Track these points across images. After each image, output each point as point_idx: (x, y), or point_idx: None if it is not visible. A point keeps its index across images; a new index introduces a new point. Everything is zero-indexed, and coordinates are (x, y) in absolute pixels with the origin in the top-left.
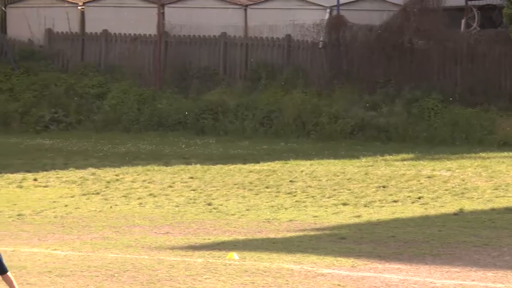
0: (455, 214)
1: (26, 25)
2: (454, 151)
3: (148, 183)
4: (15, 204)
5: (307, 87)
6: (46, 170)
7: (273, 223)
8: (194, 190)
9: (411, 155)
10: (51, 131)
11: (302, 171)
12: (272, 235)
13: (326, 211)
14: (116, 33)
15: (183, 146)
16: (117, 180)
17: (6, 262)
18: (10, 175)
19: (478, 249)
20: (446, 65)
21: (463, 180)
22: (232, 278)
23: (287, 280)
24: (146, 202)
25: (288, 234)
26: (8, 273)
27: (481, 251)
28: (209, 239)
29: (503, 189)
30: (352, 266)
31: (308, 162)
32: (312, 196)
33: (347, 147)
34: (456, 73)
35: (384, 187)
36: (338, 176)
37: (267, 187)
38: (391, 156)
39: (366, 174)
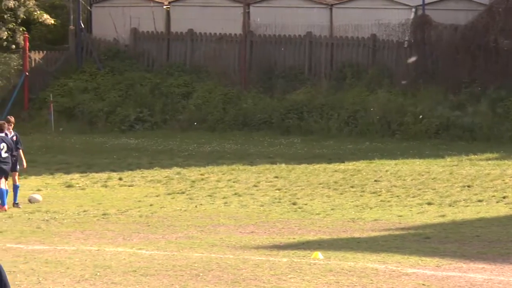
0: None
1: (111, 25)
2: None
3: (233, 182)
4: (100, 204)
5: (392, 86)
6: (131, 170)
7: (358, 222)
8: (279, 189)
9: (496, 155)
10: (136, 131)
11: (387, 171)
12: (356, 235)
13: (410, 210)
14: (201, 33)
15: (268, 146)
16: (202, 179)
17: (90, 262)
18: (95, 175)
19: None
20: None
21: None
22: (317, 278)
23: (371, 280)
24: (231, 202)
25: (373, 234)
26: None
27: None
28: (294, 238)
29: None
30: (436, 266)
31: (393, 162)
32: (397, 196)
33: (432, 147)
34: None
35: (469, 186)
36: (423, 175)
37: (352, 187)
38: (476, 156)
39: (451, 173)
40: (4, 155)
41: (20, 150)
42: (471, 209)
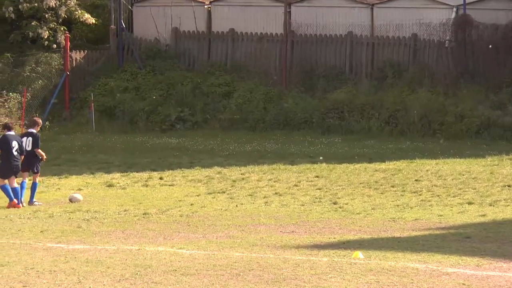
0: None
1: (152, 24)
2: None
3: (274, 182)
4: (140, 203)
5: (433, 86)
6: (172, 169)
7: (398, 222)
8: (319, 189)
9: None
10: (177, 130)
11: (427, 170)
12: (397, 234)
13: (451, 210)
14: (242, 32)
15: (308, 145)
16: (243, 179)
17: (131, 261)
18: (136, 174)
19: None
20: None
21: None
22: (357, 277)
23: (412, 279)
24: (272, 201)
25: (414, 233)
26: None
27: None
28: (334, 238)
29: None
30: (477, 265)
31: (433, 161)
32: (438, 195)
33: (473, 146)
34: None
35: (509, 186)
36: (463, 175)
37: (392, 186)
38: None
39: (491, 173)
40: (15, 153)
41: (37, 150)
42: (511, 209)
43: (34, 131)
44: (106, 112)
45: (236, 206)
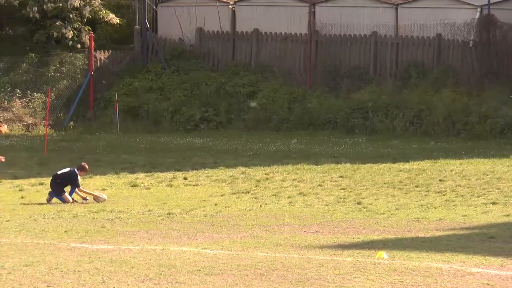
0: None
1: (177, 24)
2: None
3: (298, 182)
4: (165, 203)
5: (457, 86)
6: (196, 169)
7: (422, 222)
8: (343, 189)
9: None
10: (201, 130)
11: (451, 170)
12: (421, 234)
13: (475, 210)
14: (266, 32)
15: (333, 145)
16: (267, 179)
17: (155, 261)
18: (160, 174)
19: None
20: None
21: None
22: (381, 277)
23: (436, 279)
24: (296, 201)
25: (437, 233)
26: None
27: None
28: (358, 238)
29: None
30: (500, 265)
31: (457, 161)
32: (462, 195)
33: (497, 146)
34: None
35: None
36: (487, 175)
37: (416, 186)
38: None
39: None
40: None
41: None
42: None
43: None
44: (130, 112)
45: (260, 206)
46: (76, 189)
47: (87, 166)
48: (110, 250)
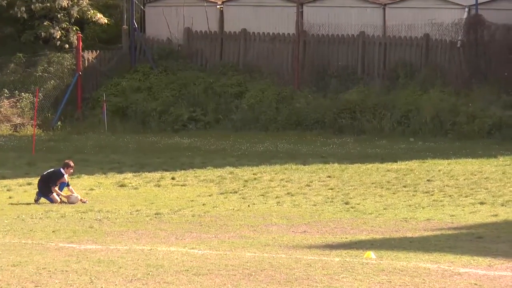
0: None
1: (164, 24)
2: None
3: (286, 182)
4: (152, 203)
5: (445, 86)
6: (184, 169)
7: (410, 222)
8: (331, 189)
9: None
10: (189, 130)
11: (439, 170)
12: (409, 234)
13: (463, 210)
14: (254, 32)
15: (320, 145)
16: (255, 179)
17: (143, 261)
18: (148, 174)
19: None
20: None
21: None
22: (369, 277)
23: (424, 279)
24: (284, 201)
25: (425, 233)
26: None
27: None
28: (346, 238)
29: None
30: (489, 265)
31: (445, 161)
32: (450, 195)
33: (485, 147)
34: None
35: None
36: (475, 175)
37: (404, 186)
38: None
39: (503, 173)
40: None
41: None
42: None
43: None
44: (118, 112)
45: (248, 206)
46: (52, 188)
47: (71, 163)
48: (98, 250)
